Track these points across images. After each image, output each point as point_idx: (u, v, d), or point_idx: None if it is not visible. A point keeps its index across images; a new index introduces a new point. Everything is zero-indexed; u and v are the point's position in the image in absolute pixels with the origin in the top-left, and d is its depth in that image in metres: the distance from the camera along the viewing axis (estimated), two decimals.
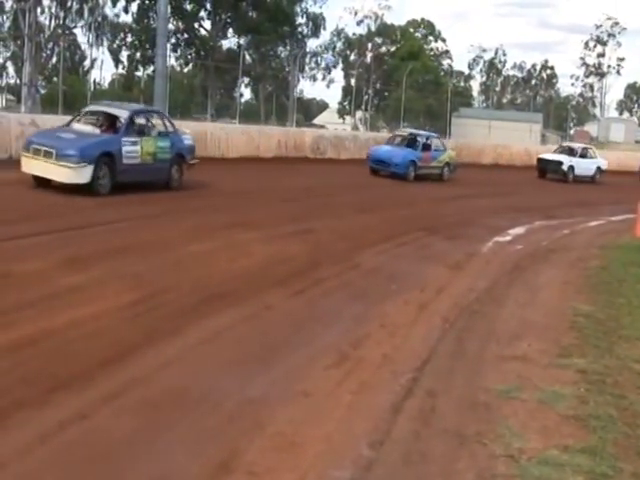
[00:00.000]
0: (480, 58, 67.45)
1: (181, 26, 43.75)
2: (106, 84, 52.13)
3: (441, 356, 5.43)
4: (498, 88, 70.02)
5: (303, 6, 47.07)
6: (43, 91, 39.40)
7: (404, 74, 40.60)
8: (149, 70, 41.21)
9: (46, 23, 40.64)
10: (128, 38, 44.92)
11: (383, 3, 54.58)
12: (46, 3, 39.67)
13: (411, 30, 59.12)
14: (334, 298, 7.09)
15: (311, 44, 52.63)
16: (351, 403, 4.39)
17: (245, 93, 55.21)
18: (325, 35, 63.18)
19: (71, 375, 4.36)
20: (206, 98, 45.21)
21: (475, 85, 68.43)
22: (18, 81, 41.72)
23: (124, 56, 46.04)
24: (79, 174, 11.21)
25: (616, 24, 61.88)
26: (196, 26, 44.67)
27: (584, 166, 26.67)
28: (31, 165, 11.56)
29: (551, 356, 5.41)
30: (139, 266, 7.30)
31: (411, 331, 6.13)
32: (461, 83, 64.21)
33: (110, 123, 12.65)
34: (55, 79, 39.61)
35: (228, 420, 4.02)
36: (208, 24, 44.77)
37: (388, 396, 4.51)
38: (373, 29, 55.63)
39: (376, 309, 6.75)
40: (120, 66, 47.11)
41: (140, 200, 11.67)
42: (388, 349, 5.51)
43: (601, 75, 64.12)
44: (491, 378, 4.94)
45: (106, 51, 45.51)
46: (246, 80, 48.06)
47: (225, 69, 41.92)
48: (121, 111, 12.85)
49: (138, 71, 45.46)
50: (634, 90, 72.31)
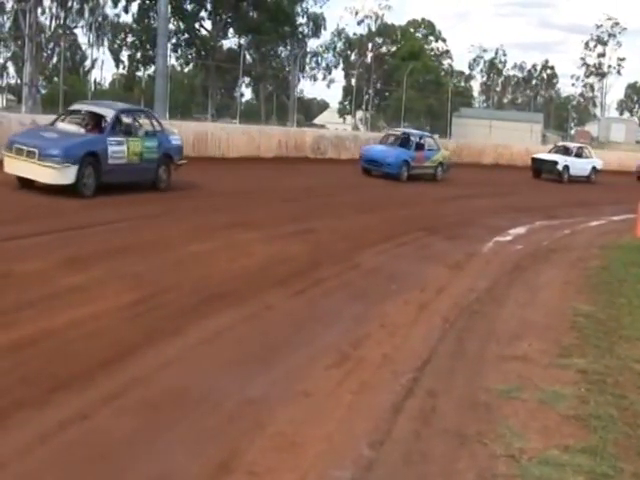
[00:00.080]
0: (480, 58, 67.64)
1: (182, 26, 43.79)
2: (107, 84, 52.28)
3: (441, 356, 5.43)
4: (499, 88, 70.07)
5: (304, 6, 47.18)
6: (44, 91, 39.46)
7: (405, 74, 40.58)
8: (150, 70, 41.22)
9: (47, 23, 40.76)
10: (129, 38, 44.97)
11: (383, 3, 54.69)
12: (47, 3, 39.78)
13: (412, 30, 59.19)
14: (334, 298, 7.09)
15: (312, 44, 52.70)
16: (351, 403, 4.39)
17: (246, 93, 55.33)
18: (326, 35, 63.28)
19: (71, 375, 4.35)
20: (207, 98, 45.24)
21: (476, 85, 68.62)
22: (19, 81, 41.78)
23: (125, 56, 46.12)
24: (63, 175, 10.88)
25: (616, 24, 62.04)
26: (197, 26, 44.71)
27: (579, 166, 26.41)
28: (14, 165, 11.23)
29: (552, 356, 5.41)
30: (139, 266, 7.30)
31: (411, 331, 6.13)
32: (462, 83, 64.26)
33: (96, 122, 12.32)
34: (56, 79, 39.64)
35: (228, 420, 4.02)
36: (209, 24, 44.83)
37: (388, 396, 4.50)
38: (374, 29, 55.69)
39: (376, 309, 6.75)
40: (121, 66, 47.18)
41: (140, 200, 11.68)
42: (388, 349, 5.50)
43: (601, 75, 64.15)
44: (491, 378, 4.94)
45: (107, 51, 45.64)
46: (247, 80, 48.09)
47: (226, 69, 41.93)
48: (106, 110, 12.49)
49: (139, 71, 45.49)
50: (634, 90, 72.34)
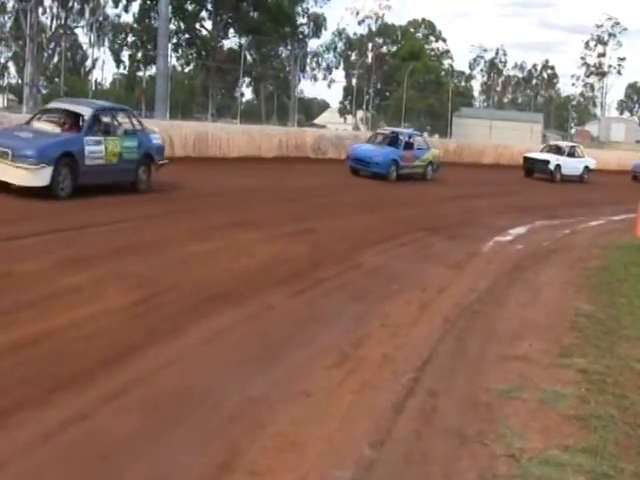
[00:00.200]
0: (481, 58, 67.63)
1: (182, 26, 43.81)
2: (107, 84, 52.25)
3: (442, 356, 5.42)
4: (499, 88, 70.05)
5: (304, 6, 47.19)
6: (45, 91, 39.51)
7: (405, 74, 40.60)
8: (151, 70, 41.24)
9: (47, 23, 40.83)
10: (129, 38, 45.01)
11: (384, 3, 54.72)
12: (47, 3, 39.88)
13: (412, 30, 59.22)
14: (335, 298, 7.08)
15: (312, 44, 52.77)
16: (352, 403, 4.38)
17: (246, 93, 55.35)
18: (326, 35, 63.29)
19: (71, 375, 4.35)
20: (207, 98, 45.26)
21: (476, 85, 68.59)
22: (20, 81, 41.82)
23: (125, 56, 46.15)
24: (37, 176, 10.41)
25: (617, 24, 62.06)
26: (197, 26, 44.75)
27: (571, 165, 26.20)
28: None
29: (552, 356, 5.41)
30: (140, 266, 7.30)
31: (412, 331, 6.13)
32: (462, 83, 64.25)
33: (73, 121, 11.82)
34: (57, 79, 39.70)
35: (229, 420, 4.02)
36: (209, 24, 44.86)
37: (389, 396, 4.50)
38: (374, 29, 55.70)
39: (377, 309, 6.74)
40: (121, 66, 47.18)
41: (140, 200, 11.68)
42: (389, 349, 5.50)
43: (602, 75, 64.13)
44: (492, 378, 4.94)
45: (107, 51, 45.59)
46: (247, 80, 48.15)
47: (226, 69, 41.97)
48: (84, 108, 11.99)
49: (140, 71, 45.51)
50: (635, 90, 72.35)
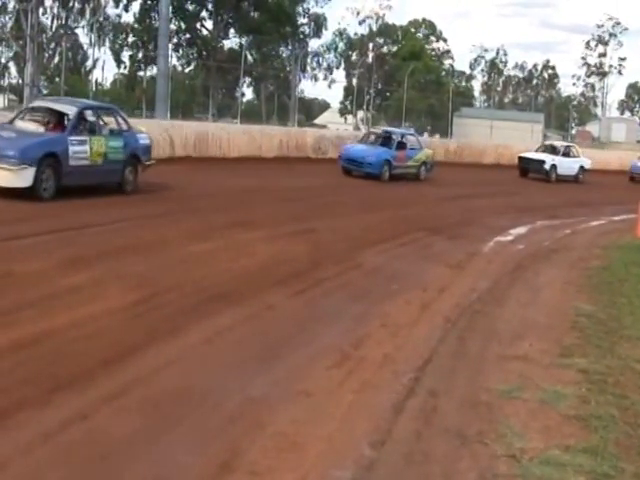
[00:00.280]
0: (481, 58, 67.57)
1: (183, 26, 43.85)
2: (108, 84, 52.25)
3: (443, 356, 5.42)
4: (500, 88, 70.02)
5: (305, 6, 47.22)
6: (45, 91, 39.43)
7: (406, 74, 40.61)
8: (151, 71, 41.29)
9: (48, 23, 40.83)
10: (130, 38, 45.04)
11: (384, 3, 54.70)
12: (48, 3, 39.87)
13: (412, 30, 59.22)
14: (335, 298, 7.08)
15: (313, 44, 52.76)
16: (352, 403, 4.38)
17: (247, 93, 55.32)
18: (327, 35, 63.31)
19: (72, 375, 4.35)
20: (208, 98, 45.27)
21: (477, 85, 68.56)
22: (20, 81, 41.79)
23: (126, 56, 46.16)
24: (19, 177, 10.09)
25: (617, 24, 61.99)
26: (198, 26, 44.79)
27: (567, 165, 26.05)
28: None
29: (553, 356, 5.40)
30: (140, 266, 7.29)
31: (412, 331, 6.12)
32: (463, 83, 64.25)
33: (57, 121, 11.54)
34: (57, 79, 39.66)
35: (229, 420, 4.02)
36: (210, 24, 44.89)
37: (390, 396, 4.50)
38: (375, 29, 55.69)
39: (377, 309, 6.74)
40: (122, 66, 47.18)
41: (140, 200, 11.69)
42: (389, 349, 5.50)
43: (602, 75, 64.09)
44: (493, 378, 4.93)
45: (108, 51, 45.58)
46: (248, 80, 48.14)
47: (227, 69, 42.00)
48: (68, 107, 11.73)
49: (140, 71, 45.54)
50: (635, 90, 72.26)
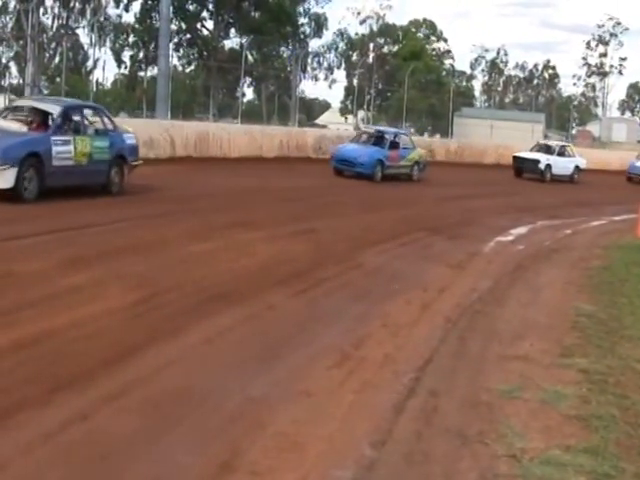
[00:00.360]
0: (482, 58, 67.50)
1: (183, 26, 43.87)
2: (109, 84, 52.27)
3: (443, 356, 5.42)
4: (500, 88, 70.02)
5: (305, 6, 47.25)
6: (46, 91, 39.46)
7: (406, 74, 40.62)
8: (152, 71, 41.30)
9: (49, 23, 40.90)
10: (130, 38, 45.06)
11: (385, 3, 54.75)
12: (49, 3, 39.96)
13: (413, 30, 59.22)
14: (336, 298, 7.07)
15: (313, 44, 52.77)
16: (353, 403, 4.38)
17: (247, 93, 55.34)
18: (327, 35, 63.28)
19: (72, 375, 4.34)
20: (208, 98, 45.30)
21: (477, 85, 68.54)
22: (21, 81, 41.80)
23: (126, 56, 46.17)
24: (1, 178, 9.94)
25: (618, 24, 61.97)
26: (198, 26, 44.82)
27: (562, 165, 25.82)
28: None
29: (553, 356, 5.40)
30: (140, 266, 7.29)
31: (413, 331, 6.12)
32: (463, 83, 64.25)
33: (42, 120, 11.33)
34: (58, 79, 39.68)
35: (230, 420, 4.01)
36: (210, 24, 44.94)
37: (390, 396, 4.49)
38: (375, 29, 55.71)
39: (378, 309, 6.73)
40: (123, 66, 47.19)
41: (140, 200, 11.69)
42: (390, 349, 5.49)
43: (603, 75, 64.07)
44: (493, 378, 4.93)
45: (108, 51, 45.59)
46: (248, 80, 48.14)
47: (227, 69, 42.04)
48: (52, 106, 11.53)
49: (141, 71, 45.56)
50: (636, 90, 72.21)
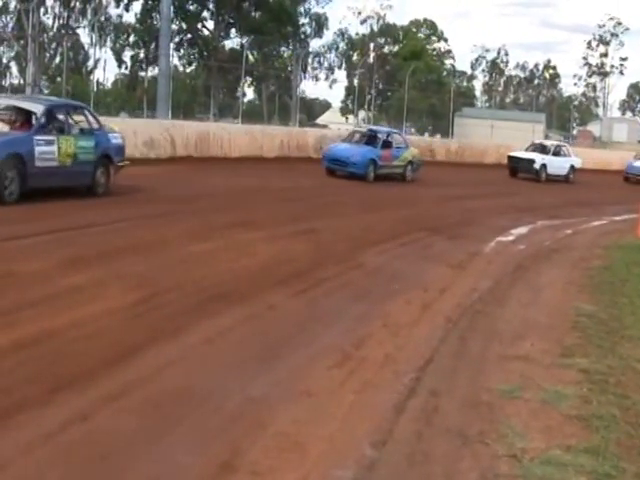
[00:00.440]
0: (483, 58, 67.54)
1: (184, 26, 43.88)
2: (109, 84, 52.32)
3: (444, 356, 5.41)
4: (501, 88, 70.02)
5: (306, 6, 47.27)
6: (47, 91, 39.49)
7: (407, 74, 40.59)
8: (153, 71, 41.31)
9: (49, 23, 40.92)
10: (131, 38, 45.08)
11: (385, 3, 54.76)
12: (49, 3, 39.99)
13: (414, 30, 59.26)
14: (336, 298, 7.07)
15: (314, 44, 52.80)
16: (354, 403, 4.37)
17: (248, 93, 55.38)
18: (328, 35, 63.30)
19: (72, 375, 4.34)
20: (209, 98, 45.32)
21: (478, 85, 68.54)
22: (22, 81, 41.82)
23: (127, 56, 46.20)
24: None
25: (619, 24, 61.97)
26: (199, 26, 44.84)
27: (557, 165, 25.67)
28: None
29: (554, 356, 5.40)
30: (140, 266, 7.29)
31: (414, 331, 6.12)
32: (464, 83, 64.26)
33: (25, 119, 11.05)
34: (59, 79, 39.74)
35: (230, 420, 4.01)
36: (211, 24, 44.97)
37: (391, 396, 4.49)
38: (376, 29, 55.73)
39: (378, 309, 6.73)
40: (123, 66, 47.21)
41: (141, 200, 11.68)
42: (391, 349, 5.49)
43: (604, 75, 64.05)
44: (494, 378, 4.93)
45: (109, 51, 45.62)
46: (249, 80, 48.14)
47: (228, 69, 42.04)
48: (35, 105, 11.21)
49: (141, 71, 45.57)
50: (637, 90, 72.23)
